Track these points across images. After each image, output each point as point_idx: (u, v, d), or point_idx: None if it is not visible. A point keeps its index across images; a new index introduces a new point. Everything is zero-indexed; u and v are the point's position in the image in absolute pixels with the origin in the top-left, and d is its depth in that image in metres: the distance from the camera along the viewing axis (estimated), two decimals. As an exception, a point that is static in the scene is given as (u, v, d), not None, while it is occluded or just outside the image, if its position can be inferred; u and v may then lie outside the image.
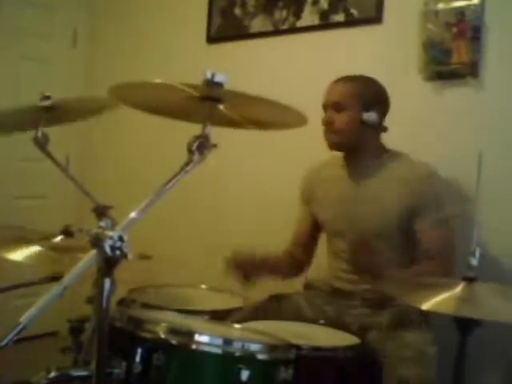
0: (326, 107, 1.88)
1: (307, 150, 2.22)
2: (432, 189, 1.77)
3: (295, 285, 2.05)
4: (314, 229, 2.03)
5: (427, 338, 1.64)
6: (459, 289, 1.25)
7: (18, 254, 1.45)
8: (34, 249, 1.49)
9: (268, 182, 2.63)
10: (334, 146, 1.88)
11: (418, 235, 1.75)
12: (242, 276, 1.84)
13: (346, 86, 1.86)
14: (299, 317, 1.79)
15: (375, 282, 1.64)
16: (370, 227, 1.79)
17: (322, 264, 2.04)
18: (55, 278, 1.42)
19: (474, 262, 1.26)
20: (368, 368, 1.49)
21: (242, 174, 2.75)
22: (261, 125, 1.32)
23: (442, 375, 1.51)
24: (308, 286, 1.99)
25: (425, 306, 1.21)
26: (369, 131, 1.84)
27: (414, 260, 1.77)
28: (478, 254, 1.26)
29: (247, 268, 1.85)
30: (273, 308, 1.82)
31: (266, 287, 1.97)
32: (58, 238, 1.58)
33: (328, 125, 1.86)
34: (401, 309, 1.69)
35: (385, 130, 1.89)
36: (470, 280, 1.26)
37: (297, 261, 2.04)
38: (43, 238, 1.54)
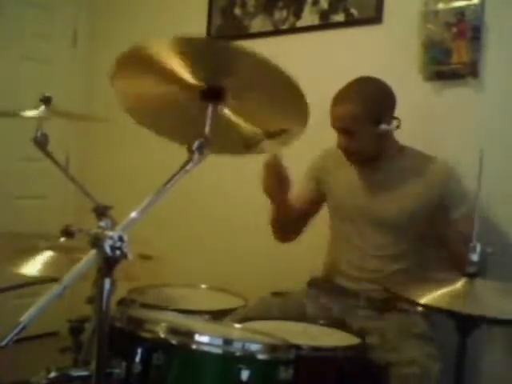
0: (336, 130, 1.85)
1: (308, 150, 2.22)
2: (457, 182, 1.81)
3: (298, 282, 2.04)
4: (313, 204, 2.02)
5: (432, 353, 1.58)
6: (460, 285, 1.25)
7: (29, 267, 1.42)
8: (44, 257, 1.47)
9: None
10: (356, 163, 1.89)
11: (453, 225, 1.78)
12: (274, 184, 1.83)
13: (349, 108, 1.78)
14: (303, 315, 1.78)
15: None
16: (385, 217, 1.82)
17: (325, 261, 2.03)
18: (55, 278, 1.42)
19: (475, 257, 1.26)
20: (368, 368, 1.49)
21: (243, 173, 2.75)
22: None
23: (442, 374, 1.51)
24: (311, 283, 1.99)
25: (425, 302, 1.20)
26: (384, 139, 1.83)
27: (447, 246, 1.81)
28: (478, 249, 1.26)
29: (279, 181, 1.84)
30: (276, 305, 1.81)
31: (268, 284, 1.97)
32: (62, 240, 1.58)
33: (346, 150, 1.85)
34: (407, 319, 1.68)
35: (398, 126, 1.84)
36: (470, 276, 1.26)
37: (293, 221, 2.02)
38: (48, 244, 1.53)
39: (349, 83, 1.85)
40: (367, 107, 1.77)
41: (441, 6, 2.15)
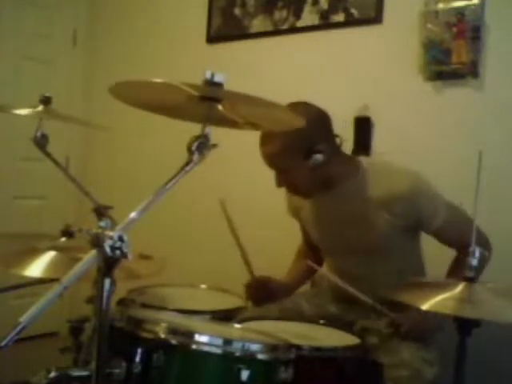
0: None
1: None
2: (421, 199, 1.61)
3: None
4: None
5: (427, 357, 1.54)
6: (459, 289, 1.25)
7: (29, 268, 1.41)
8: (44, 257, 1.46)
9: (270, 181, 2.62)
10: (305, 198, 1.76)
11: (436, 237, 1.68)
12: (258, 301, 1.82)
13: (273, 146, 1.59)
14: (300, 316, 1.77)
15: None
16: (357, 248, 1.72)
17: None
18: (55, 278, 1.42)
19: (474, 262, 1.26)
20: (368, 368, 1.49)
21: (244, 172, 2.75)
22: (259, 125, 1.32)
23: (442, 375, 1.51)
24: (314, 284, 1.98)
25: (425, 306, 1.20)
26: (325, 167, 1.61)
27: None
28: (477, 254, 1.26)
29: (266, 296, 1.82)
30: (274, 308, 1.80)
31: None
32: (62, 240, 1.58)
33: (288, 189, 1.73)
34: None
35: (341, 143, 1.68)
36: (469, 280, 1.26)
37: (315, 254, 1.97)
38: (48, 244, 1.52)
39: None
40: (292, 141, 1.56)
41: (441, 6, 2.15)
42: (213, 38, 2.91)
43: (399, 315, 1.58)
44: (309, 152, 1.59)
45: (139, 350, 1.15)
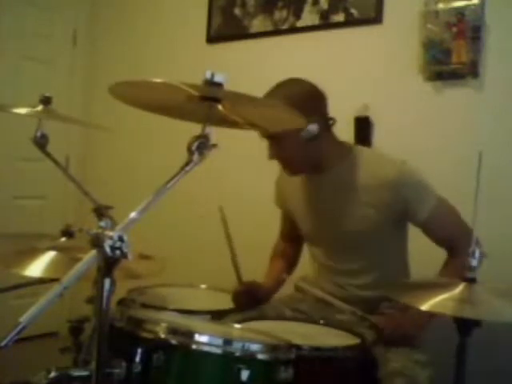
0: (264, 140, 1.69)
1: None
2: (408, 188, 1.62)
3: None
4: (296, 226, 1.93)
5: (419, 359, 1.52)
6: (459, 289, 1.25)
7: (29, 268, 1.41)
8: (44, 257, 1.46)
9: (271, 180, 2.62)
10: (293, 174, 1.76)
11: (424, 231, 1.67)
12: (245, 307, 1.78)
13: None
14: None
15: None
16: (344, 239, 1.72)
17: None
18: (55, 278, 1.42)
19: (474, 263, 1.26)
20: (368, 368, 1.49)
21: (244, 171, 2.75)
22: (260, 125, 1.32)
23: (442, 375, 1.51)
24: (297, 289, 1.94)
25: (425, 307, 1.20)
26: (318, 141, 1.64)
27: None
28: (477, 254, 1.26)
29: (253, 302, 1.80)
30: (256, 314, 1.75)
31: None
32: (62, 240, 1.58)
33: (278, 161, 1.71)
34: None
35: (333, 123, 1.68)
36: (469, 281, 1.26)
37: (290, 258, 2.01)
38: (48, 244, 1.52)
39: (272, 87, 1.69)
40: (290, 107, 1.55)
41: (441, 5, 2.16)
42: (213, 38, 2.91)
43: (380, 318, 1.57)
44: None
45: (139, 350, 1.15)
